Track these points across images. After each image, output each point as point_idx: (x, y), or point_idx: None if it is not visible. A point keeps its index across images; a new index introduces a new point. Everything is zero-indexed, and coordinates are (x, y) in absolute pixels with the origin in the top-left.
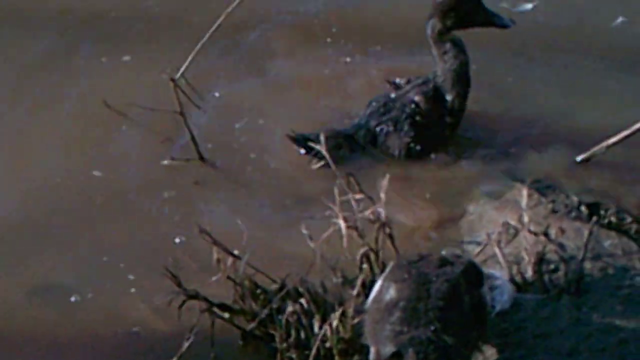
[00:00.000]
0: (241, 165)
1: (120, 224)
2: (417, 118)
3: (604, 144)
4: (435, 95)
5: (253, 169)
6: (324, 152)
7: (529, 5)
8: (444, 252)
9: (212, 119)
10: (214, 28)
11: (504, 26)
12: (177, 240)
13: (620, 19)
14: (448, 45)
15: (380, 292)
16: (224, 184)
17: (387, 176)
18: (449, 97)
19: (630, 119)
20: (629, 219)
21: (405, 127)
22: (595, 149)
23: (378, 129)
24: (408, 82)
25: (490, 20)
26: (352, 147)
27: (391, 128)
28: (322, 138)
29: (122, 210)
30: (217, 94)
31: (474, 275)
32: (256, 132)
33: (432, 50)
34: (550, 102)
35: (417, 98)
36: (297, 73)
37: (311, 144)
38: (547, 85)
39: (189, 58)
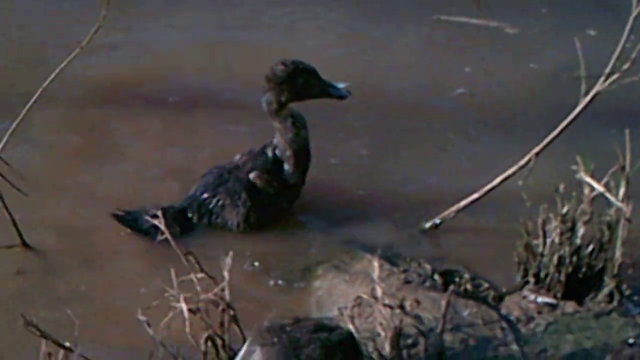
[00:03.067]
0: (67, 250)
1: None
2: (254, 189)
3: (453, 208)
4: (272, 167)
5: (81, 252)
6: (163, 227)
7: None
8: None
9: (35, 200)
10: (30, 104)
11: (341, 97)
12: None
13: (460, 90)
14: (289, 121)
15: (244, 357)
16: (51, 270)
17: (231, 253)
18: (287, 170)
19: (475, 183)
20: (485, 285)
21: (242, 198)
22: (444, 213)
23: (214, 200)
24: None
25: (327, 91)
26: (184, 224)
27: (227, 200)
28: (159, 213)
29: None
30: (41, 171)
31: (351, 347)
32: (82, 213)
33: (273, 123)
34: (394, 169)
35: (253, 173)
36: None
37: (149, 219)
38: (390, 152)
39: (5, 137)
